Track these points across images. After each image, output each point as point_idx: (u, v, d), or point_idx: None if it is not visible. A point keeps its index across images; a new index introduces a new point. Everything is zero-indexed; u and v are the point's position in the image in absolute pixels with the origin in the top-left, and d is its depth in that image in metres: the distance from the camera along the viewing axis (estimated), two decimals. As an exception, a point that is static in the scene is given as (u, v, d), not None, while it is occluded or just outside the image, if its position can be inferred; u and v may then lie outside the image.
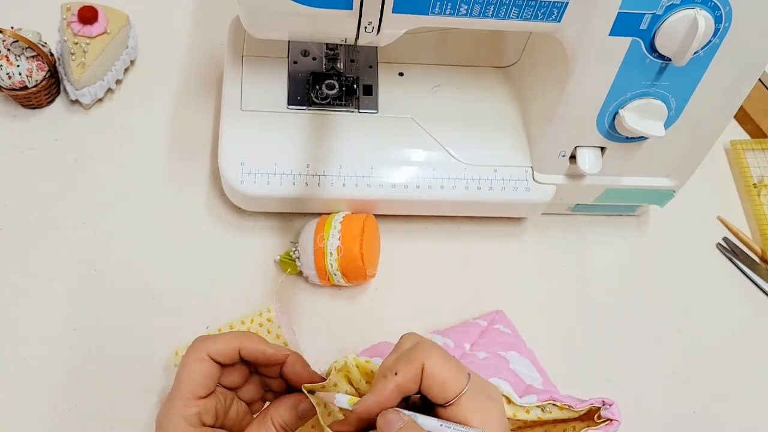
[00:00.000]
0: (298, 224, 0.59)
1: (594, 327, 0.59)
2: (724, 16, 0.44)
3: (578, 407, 0.41)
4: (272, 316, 0.51)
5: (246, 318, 0.52)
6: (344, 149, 0.55)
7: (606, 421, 0.41)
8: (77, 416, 0.51)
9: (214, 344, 0.37)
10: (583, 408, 0.41)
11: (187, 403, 0.36)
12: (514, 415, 0.42)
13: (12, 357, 0.52)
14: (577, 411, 0.42)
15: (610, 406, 0.41)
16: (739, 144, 0.70)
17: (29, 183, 0.59)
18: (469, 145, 0.57)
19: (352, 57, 0.60)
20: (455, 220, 0.62)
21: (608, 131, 0.52)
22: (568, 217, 0.64)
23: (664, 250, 0.64)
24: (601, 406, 0.41)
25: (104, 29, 0.60)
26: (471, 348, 0.52)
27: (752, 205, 0.66)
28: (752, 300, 0.62)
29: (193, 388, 0.36)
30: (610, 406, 0.41)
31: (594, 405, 0.41)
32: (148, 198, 0.59)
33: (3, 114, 0.62)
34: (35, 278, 0.55)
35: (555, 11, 0.44)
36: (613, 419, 0.41)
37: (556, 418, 0.42)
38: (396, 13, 0.44)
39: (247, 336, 0.38)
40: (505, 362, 0.49)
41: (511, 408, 0.42)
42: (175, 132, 0.62)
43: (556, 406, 0.42)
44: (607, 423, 0.41)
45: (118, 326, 0.54)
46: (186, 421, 0.36)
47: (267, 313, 0.51)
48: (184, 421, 0.36)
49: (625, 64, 0.47)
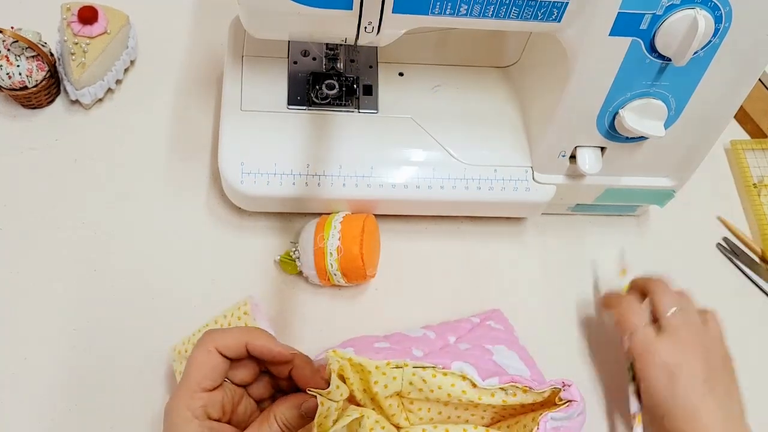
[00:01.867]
0: (298, 224, 0.59)
1: (593, 327, 0.59)
2: (724, 16, 0.44)
3: (539, 388, 0.43)
4: (248, 309, 0.51)
5: (227, 312, 0.52)
6: (344, 149, 0.55)
7: (566, 403, 0.42)
8: (77, 416, 0.51)
9: (222, 338, 0.37)
10: (545, 389, 0.43)
11: (193, 395, 0.36)
12: (479, 398, 0.43)
13: (12, 357, 0.52)
14: (540, 392, 0.43)
15: (569, 387, 0.42)
16: (739, 144, 0.70)
17: (29, 183, 0.59)
18: (469, 145, 0.57)
19: (352, 57, 0.60)
20: (455, 220, 0.62)
21: (608, 131, 0.52)
22: (568, 217, 0.64)
23: (664, 250, 0.64)
24: (561, 388, 0.42)
25: (104, 29, 0.60)
26: (456, 341, 0.52)
27: (752, 205, 0.66)
28: (752, 300, 0.62)
29: (200, 380, 0.37)
30: (569, 387, 0.42)
31: (555, 386, 0.43)
32: (148, 198, 0.59)
33: (3, 114, 0.62)
34: (35, 278, 0.55)
35: (555, 11, 0.44)
36: (572, 400, 0.42)
37: (523, 402, 0.43)
38: (396, 14, 0.44)
39: (256, 332, 0.39)
40: (488, 354, 0.49)
41: (476, 391, 0.43)
42: (175, 132, 0.62)
43: (518, 388, 0.43)
44: (567, 404, 0.42)
45: (118, 326, 0.54)
46: (191, 412, 0.36)
47: (244, 306, 0.51)
48: (189, 412, 0.36)
49: (625, 64, 0.47)
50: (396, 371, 0.42)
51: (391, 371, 0.42)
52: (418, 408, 0.45)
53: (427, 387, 0.43)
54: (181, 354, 0.50)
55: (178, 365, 0.50)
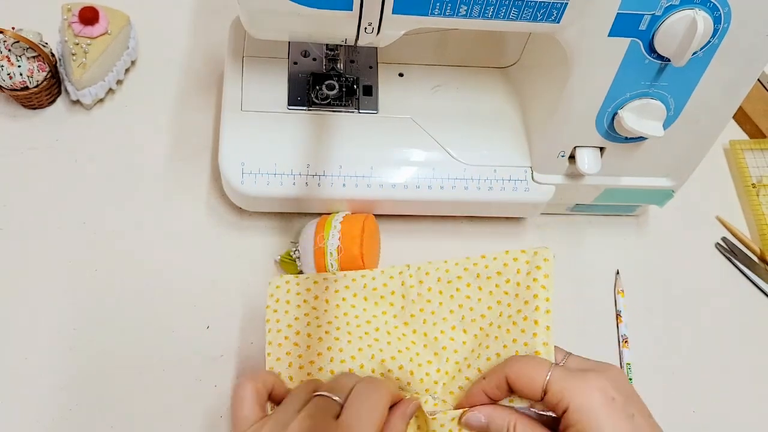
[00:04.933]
0: (298, 224, 0.59)
1: (593, 327, 0.59)
2: (723, 17, 0.44)
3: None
4: None
5: None
6: (344, 149, 0.55)
7: None
8: (77, 416, 0.51)
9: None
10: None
11: None
12: None
13: (12, 357, 0.52)
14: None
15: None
16: (738, 144, 0.70)
17: (30, 183, 0.59)
18: (469, 145, 0.57)
19: (352, 58, 0.60)
20: (455, 220, 0.62)
21: (607, 131, 0.52)
22: (568, 217, 0.64)
23: (663, 250, 0.64)
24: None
25: (105, 30, 0.60)
26: None
27: (751, 205, 0.66)
28: (751, 300, 0.63)
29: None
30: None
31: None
32: (149, 198, 0.59)
33: (3, 114, 0.62)
34: (35, 278, 0.55)
35: (554, 12, 0.44)
36: None
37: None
38: (396, 14, 0.44)
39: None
40: None
41: None
42: (176, 132, 0.63)
43: None
44: None
45: (118, 326, 0.54)
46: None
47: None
48: None
49: (624, 64, 0.47)
50: None
51: None
52: None
53: None
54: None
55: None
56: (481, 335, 0.46)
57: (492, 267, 0.47)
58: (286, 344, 0.46)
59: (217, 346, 0.54)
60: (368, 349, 0.46)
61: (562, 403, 0.37)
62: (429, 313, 0.48)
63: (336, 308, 0.48)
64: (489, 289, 0.47)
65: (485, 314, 0.47)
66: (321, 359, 0.45)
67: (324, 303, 0.48)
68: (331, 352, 0.45)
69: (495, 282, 0.47)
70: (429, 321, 0.48)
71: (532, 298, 0.45)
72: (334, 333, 0.47)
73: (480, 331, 0.46)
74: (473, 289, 0.48)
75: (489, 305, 0.47)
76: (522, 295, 0.45)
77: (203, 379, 0.53)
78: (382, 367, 0.45)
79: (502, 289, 0.47)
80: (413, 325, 0.48)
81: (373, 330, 0.47)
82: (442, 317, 0.48)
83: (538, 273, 0.45)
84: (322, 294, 0.48)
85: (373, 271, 0.50)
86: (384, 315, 0.48)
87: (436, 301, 0.48)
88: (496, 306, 0.46)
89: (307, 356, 0.46)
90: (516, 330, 0.44)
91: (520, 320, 0.44)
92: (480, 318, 0.47)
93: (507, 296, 0.46)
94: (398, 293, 0.49)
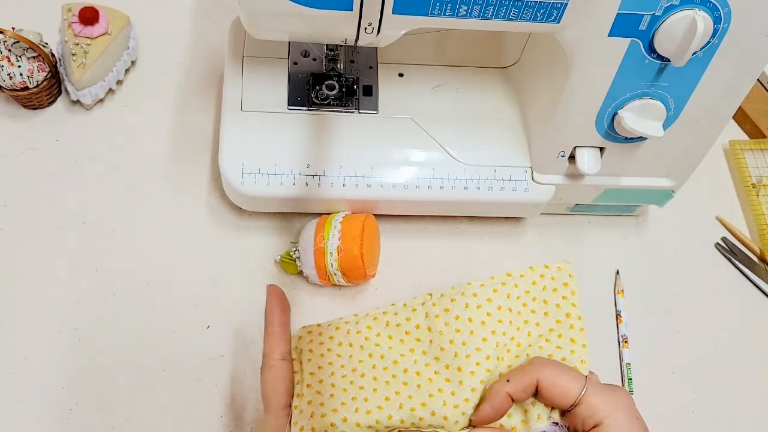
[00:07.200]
0: (298, 224, 0.59)
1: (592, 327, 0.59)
2: (723, 17, 0.45)
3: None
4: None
5: None
6: (344, 149, 0.55)
7: None
8: (77, 416, 0.51)
9: None
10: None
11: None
12: None
13: (12, 357, 0.52)
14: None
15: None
16: (737, 144, 0.70)
17: (30, 183, 0.59)
18: (468, 145, 0.57)
19: (352, 58, 0.60)
20: (455, 220, 0.62)
21: (607, 131, 0.52)
22: (568, 217, 0.64)
23: (663, 250, 0.64)
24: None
25: (105, 30, 0.60)
26: None
27: (751, 205, 0.66)
28: (751, 300, 0.63)
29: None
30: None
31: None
32: (148, 198, 0.59)
33: (3, 114, 0.62)
34: (35, 278, 0.55)
35: (554, 12, 0.45)
36: None
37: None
38: (396, 14, 0.44)
39: None
40: None
41: None
42: (176, 132, 0.63)
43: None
44: None
45: (118, 326, 0.54)
46: None
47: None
48: None
49: (624, 64, 0.47)
50: None
51: None
52: None
53: None
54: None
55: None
56: (512, 359, 0.44)
57: (521, 286, 0.46)
58: (309, 393, 0.44)
59: (217, 346, 0.54)
60: (396, 397, 0.43)
61: (594, 417, 0.39)
62: (460, 344, 0.43)
63: (360, 350, 0.45)
64: (518, 309, 0.45)
65: (515, 336, 0.44)
66: (345, 409, 0.42)
67: (348, 348, 0.45)
68: (356, 402, 0.43)
69: (523, 302, 0.45)
70: (461, 354, 0.43)
71: (565, 317, 0.44)
72: (359, 381, 0.44)
73: (515, 360, 0.44)
74: (504, 312, 0.44)
75: (518, 326, 0.45)
76: (552, 314, 0.45)
77: (203, 379, 0.53)
78: (412, 416, 0.42)
79: (529, 308, 0.45)
80: (445, 359, 0.44)
81: (401, 372, 0.44)
82: (475, 347, 0.43)
83: (566, 290, 0.45)
84: (345, 339, 0.46)
85: (394, 306, 0.47)
86: (412, 353, 0.45)
87: (467, 329, 0.44)
88: (524, 326, 0.45)
89: (330, 405, 0.43)
90: (550, 347, 0.43)
91: (555, 338, 0.44)
92: (512, 342, 0.44)
93: (534, 315, 0.45)
94: (423, 326, 0.45)
